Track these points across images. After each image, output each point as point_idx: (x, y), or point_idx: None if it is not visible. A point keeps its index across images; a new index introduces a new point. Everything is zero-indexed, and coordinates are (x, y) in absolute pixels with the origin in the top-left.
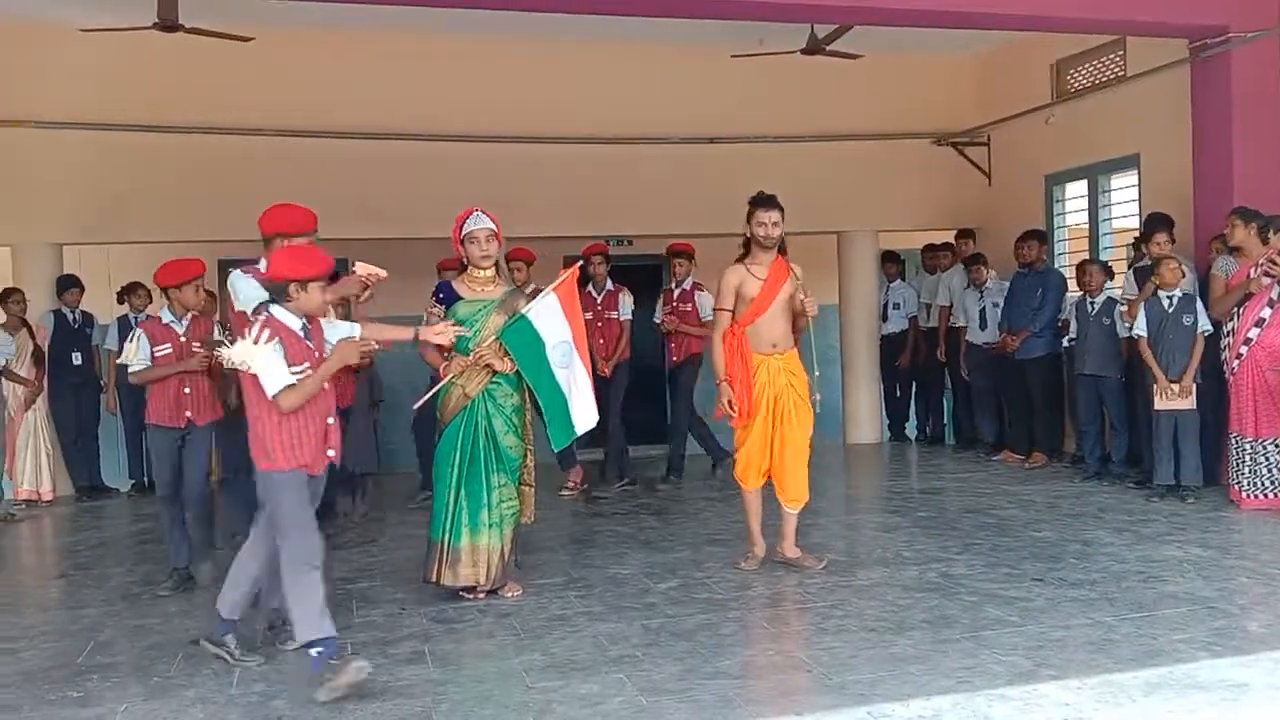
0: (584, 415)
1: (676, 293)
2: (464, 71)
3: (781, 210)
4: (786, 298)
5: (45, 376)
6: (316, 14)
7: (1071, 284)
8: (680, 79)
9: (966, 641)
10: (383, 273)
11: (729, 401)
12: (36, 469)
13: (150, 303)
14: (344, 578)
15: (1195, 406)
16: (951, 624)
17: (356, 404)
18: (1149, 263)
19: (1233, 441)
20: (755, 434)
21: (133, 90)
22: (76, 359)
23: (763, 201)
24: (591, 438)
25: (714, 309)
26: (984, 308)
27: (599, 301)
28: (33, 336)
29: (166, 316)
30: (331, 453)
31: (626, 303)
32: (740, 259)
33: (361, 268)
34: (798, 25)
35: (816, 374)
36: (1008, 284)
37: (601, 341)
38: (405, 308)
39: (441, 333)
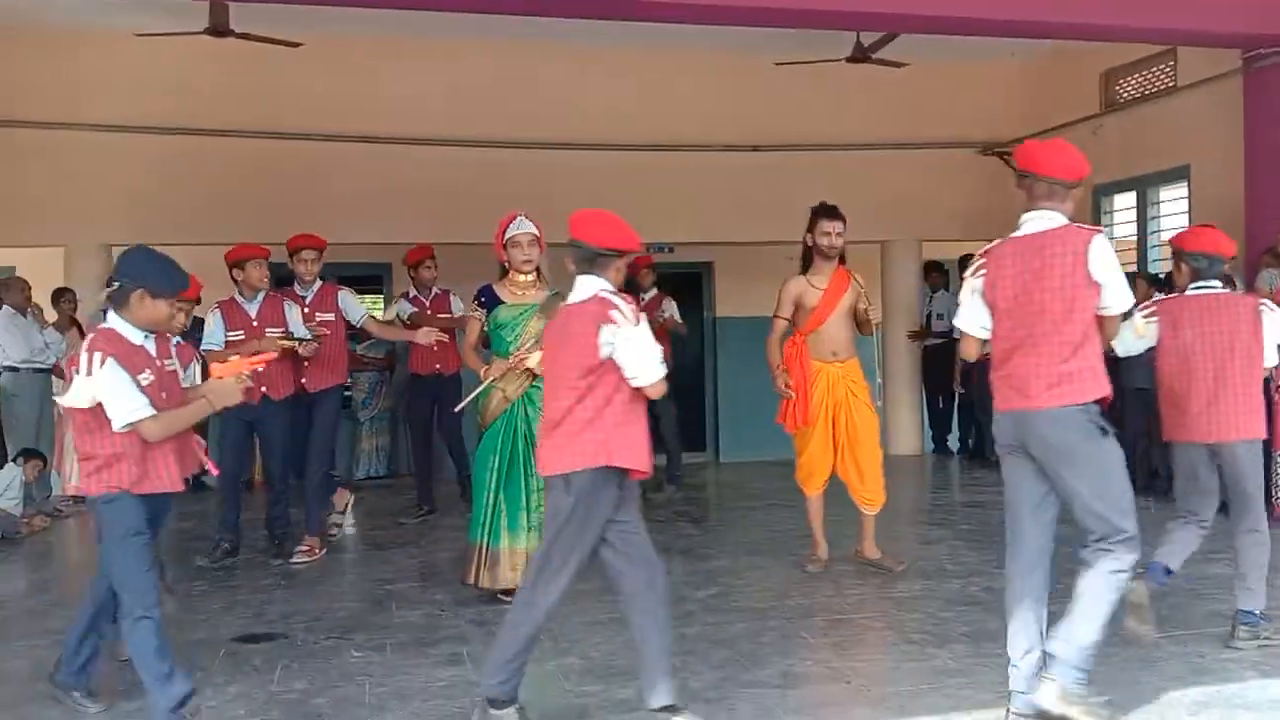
0: None
1: None
2: (509, 78)
3: (844, 220)
4: (848, 307)
5: None
6: (364, 21)
7: None
8: (724, 87)
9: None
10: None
11: (785, 384)
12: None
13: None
14: (383, 578)
15: None
16: (994, 638)
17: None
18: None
19: (1278, 461)
20: (816, 441)
21: (184, 95)
22: None
23: (826, 211)
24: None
25: (773, 315)
26: None
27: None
28: (83, 336)
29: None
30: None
31: (670, 307)
32: (802, 270)
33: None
34: (843, 33)
35: (878, 381)
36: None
37: None
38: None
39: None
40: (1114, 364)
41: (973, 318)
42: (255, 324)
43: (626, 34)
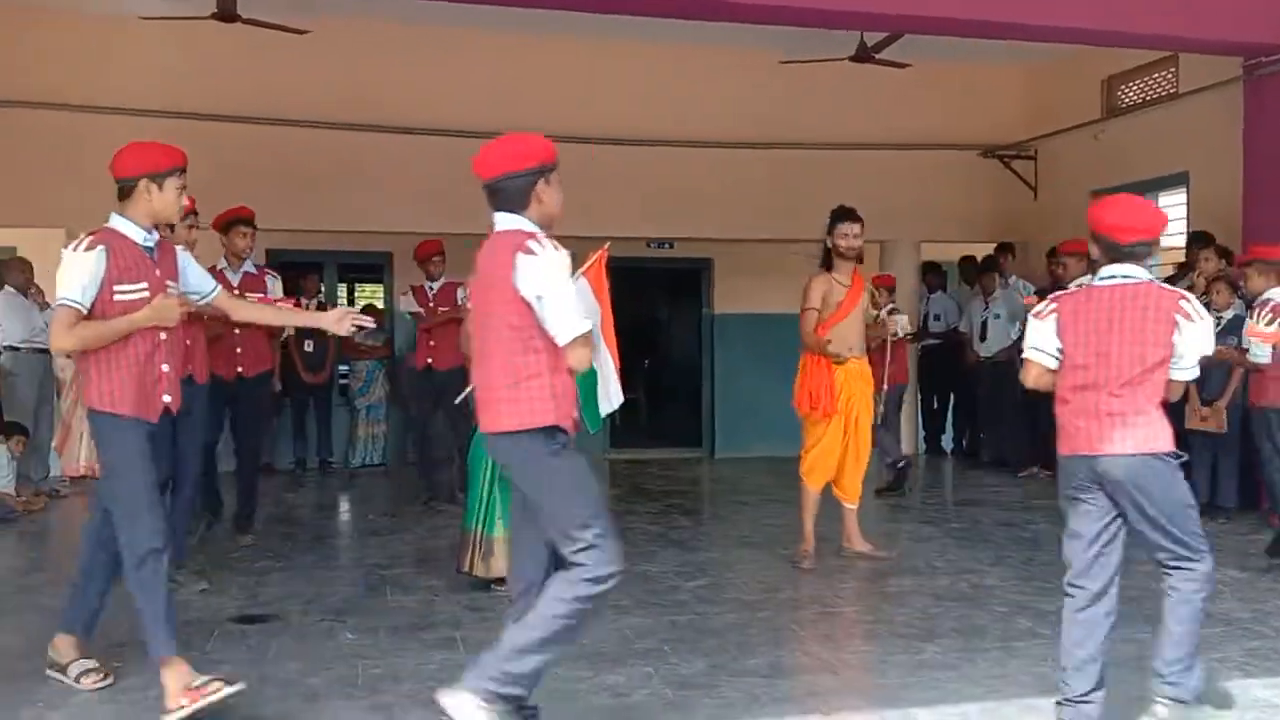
0: (612, 395)
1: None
2: (513, 70)
3: (861, 223)
4: (864, 307)
5: None
6: (371, 8)
7: None
8: (728, 84)
9: (996, 651)
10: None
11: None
12: (91, 446)
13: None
14: (378, 563)
15: (1226, 429)
16: (982, 633)
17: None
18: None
19: None
20: (831, 436)
21: (189, 79)
22: None
23: (845, 215)
24: None
25: (803, 308)
26: (986, 319)
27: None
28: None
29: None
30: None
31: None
32: (826, 269)
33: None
34: (847, 32)
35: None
36: (1015, 295)
37: None
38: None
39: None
40: None
41: None
42: None
43: (631, 29)
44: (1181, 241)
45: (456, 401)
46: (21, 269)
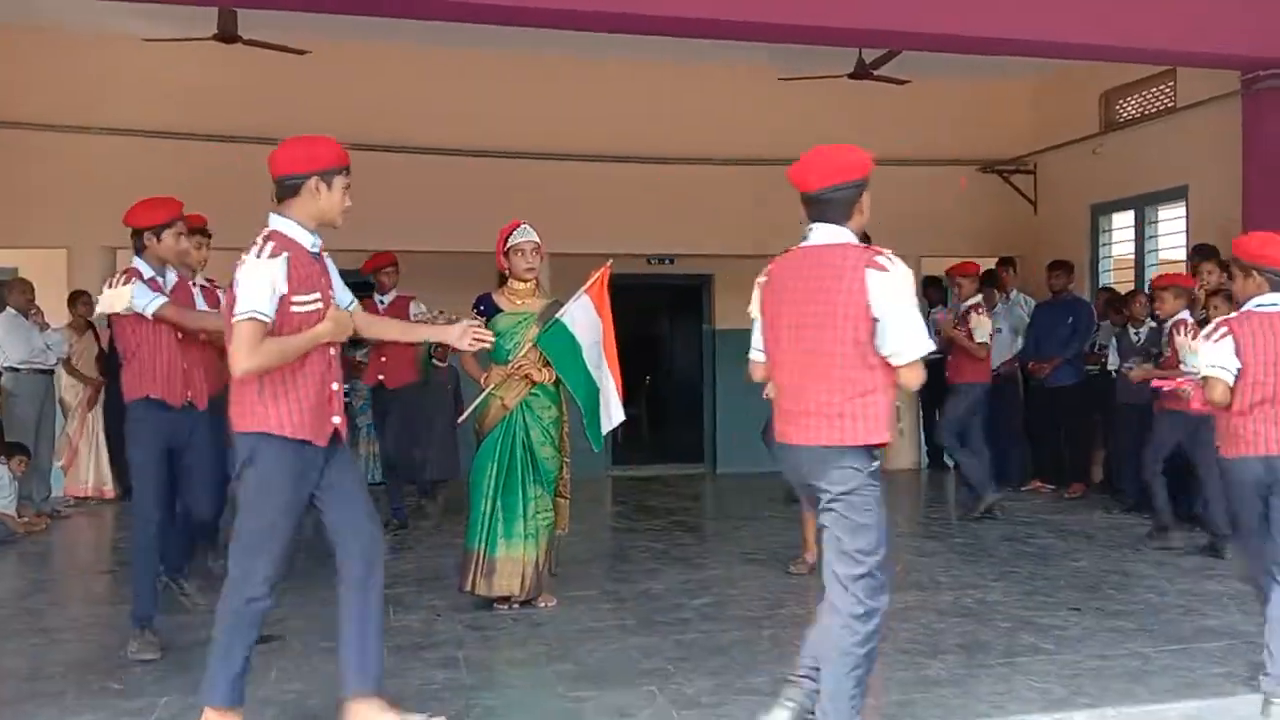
0: (613, 412)
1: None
2: (513, 89)
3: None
4: None
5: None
6: (370, 30)
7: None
8: (727, 101)
9: (1000, 667)
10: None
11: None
12: (99, 467)
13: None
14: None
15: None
16: (986, 649)
17: (438, 413)
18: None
19: None
20: None
21: (190, 100)
22: None
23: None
24: None
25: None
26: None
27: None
28: (98, 340)
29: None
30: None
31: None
32: None
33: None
34: (846, 49)
35: (895, 404)
36: (1017, 309)
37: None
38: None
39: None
40: (1080, 381)
41: None
42: None
43: (630, 48)
44: (1180, 256)
45: (460, 421)
46: (23, 290)
